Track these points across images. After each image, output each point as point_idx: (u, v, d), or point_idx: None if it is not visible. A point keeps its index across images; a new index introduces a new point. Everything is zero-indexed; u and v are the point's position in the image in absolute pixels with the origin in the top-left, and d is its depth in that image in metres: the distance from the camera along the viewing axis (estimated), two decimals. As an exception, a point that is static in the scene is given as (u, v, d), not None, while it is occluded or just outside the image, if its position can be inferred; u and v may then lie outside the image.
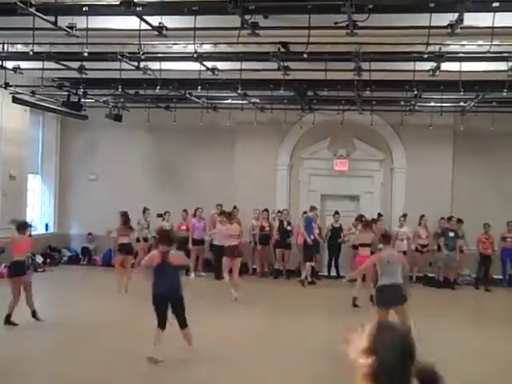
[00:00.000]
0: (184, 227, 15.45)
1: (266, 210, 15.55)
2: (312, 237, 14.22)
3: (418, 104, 13.43)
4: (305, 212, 15.17)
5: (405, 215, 14.91)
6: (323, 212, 16.05)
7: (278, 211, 15.52)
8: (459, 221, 14.71)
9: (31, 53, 9.05)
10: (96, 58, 9.95)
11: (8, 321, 9.26)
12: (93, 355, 7.88)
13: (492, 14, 6.98)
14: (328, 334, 8.97)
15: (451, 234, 14.68)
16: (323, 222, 15.82)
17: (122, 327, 9.55)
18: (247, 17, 7.08)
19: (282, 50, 9.28)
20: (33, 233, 15.28)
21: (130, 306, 11.02)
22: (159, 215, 15.22)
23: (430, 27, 7.15)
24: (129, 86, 12.59)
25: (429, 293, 13.65)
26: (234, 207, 15.27)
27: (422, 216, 14.92)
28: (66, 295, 12.38)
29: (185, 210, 15.62)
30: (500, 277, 14.79)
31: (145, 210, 15.34)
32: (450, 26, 7.11)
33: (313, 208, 14.78)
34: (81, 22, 7.70)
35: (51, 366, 7.62)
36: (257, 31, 7.45)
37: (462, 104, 13.39)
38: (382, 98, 13.58)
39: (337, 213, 15.33)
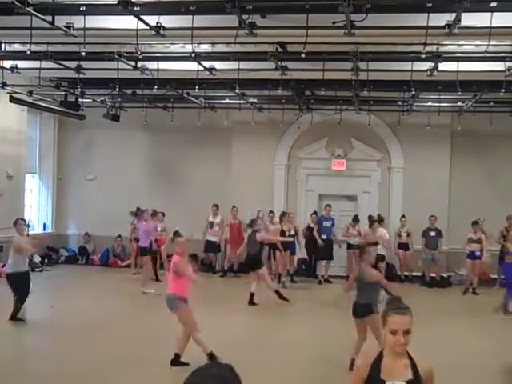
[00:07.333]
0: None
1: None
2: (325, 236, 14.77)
3: (416, 104, 13.45)
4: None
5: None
6: (321, 212, 15.96)
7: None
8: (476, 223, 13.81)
9: (28, 52, 9.01)
10: (93, 58, 9.94)
11: None
12: (86, 354, 7.88)
13: (490, 13, 6.99)
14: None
15: (432, 234, 14.74)
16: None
17: (117, 327, 9.54)
18: (245, 16, 7.08)
19: (280, 49, 9.28)
20: (30, 232, 15.31)
21: (126, 306, 11.00)
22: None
23: (427, 27, 7.15)
24: (126, 85, 12.59)
25: (416, 292, 13.22)
26: (233, 207, 15.23)
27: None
28: (64, 295, 12.36)
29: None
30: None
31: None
32: (448, 25, 7.11)
33: (326, 206, 15.19)
34: (78, 21, 7.70)
35: (47, 365, 7.61)
36: (254, 31, 7.46)
37: (459, 104, 13.42)
38: (379, 98, 13.60)
39: (314, 213, 15.36)
